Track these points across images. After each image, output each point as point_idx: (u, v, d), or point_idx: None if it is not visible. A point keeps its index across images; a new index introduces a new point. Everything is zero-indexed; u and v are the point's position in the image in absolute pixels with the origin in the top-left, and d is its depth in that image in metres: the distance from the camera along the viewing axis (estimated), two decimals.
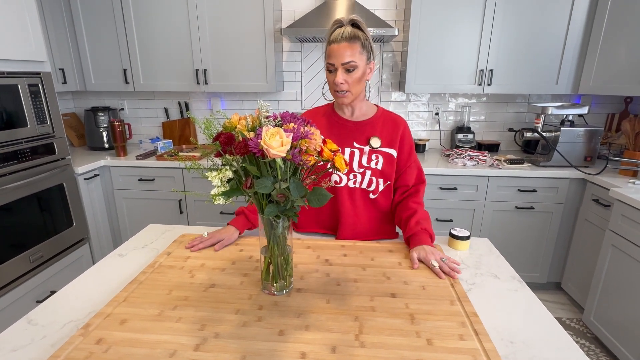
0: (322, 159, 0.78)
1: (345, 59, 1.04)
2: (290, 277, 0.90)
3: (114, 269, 1.02)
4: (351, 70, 1.06)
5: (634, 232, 1.64)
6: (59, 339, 0.75)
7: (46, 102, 1.93)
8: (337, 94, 1.10)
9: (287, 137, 0.69)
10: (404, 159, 1.20)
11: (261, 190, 0.71)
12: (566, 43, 2.20)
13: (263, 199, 0.77)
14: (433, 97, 2.67)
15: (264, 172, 0.74)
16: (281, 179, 0.73)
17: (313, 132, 0.74)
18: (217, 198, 0.75)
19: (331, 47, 1.05)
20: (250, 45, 2.35)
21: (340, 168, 0.78)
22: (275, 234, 0.82)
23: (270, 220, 0.81)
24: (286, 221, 0.82)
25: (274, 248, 0.84)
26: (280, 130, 0.69)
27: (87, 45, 2.43)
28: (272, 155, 0.68)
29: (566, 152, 2.14)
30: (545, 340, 0.75)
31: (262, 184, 0.72)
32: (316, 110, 1.25)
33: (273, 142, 0.68)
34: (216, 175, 0.75)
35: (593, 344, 1.92)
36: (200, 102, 2.81)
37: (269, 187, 0.72)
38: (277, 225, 0.81)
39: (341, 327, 0.76)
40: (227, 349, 0.70)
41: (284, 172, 0.74)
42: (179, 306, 0.83)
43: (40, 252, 1.92)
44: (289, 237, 0.85)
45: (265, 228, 0.83)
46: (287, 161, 0.73)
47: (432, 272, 0.99)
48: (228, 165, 0.75)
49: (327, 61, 1.07)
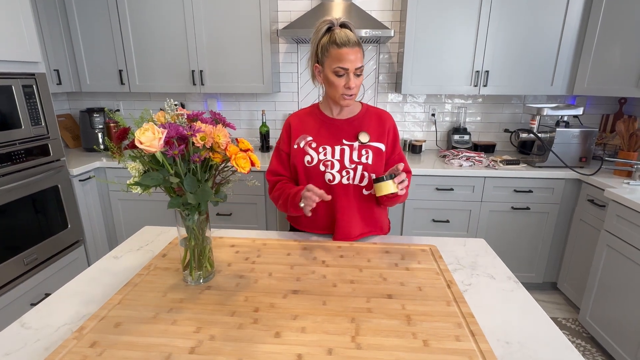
0: (225, 157, 0.82)
1: (357, 64, 1.09)
2: (210, 267, 0.95)
3: (108, 272, 1.01)
4: (359, 75, 1.12)
5: (629, 232, 1.65)
6: (52, 342, 0.74)
7: (41, 104, 1.92)
8: (344, 97, 1.13)
9: (160, 133, 0.73)
10: (389, 152, 1.24)
11: (146, 182, 0.77)
12: (561, 44, 2.21)
13: (172, 192, 0.83)
14: (429, 98, 2.68)
15: (167, 166, 0.79)
16: (174, 173, 0.79)
17: (204, 129, 0.79)
18: (134, 187, 0.81)
19: (342, 50, 1.06)
20: (247, 46, 2.35)
21: (241, 167, 0.80)
22: (187, 226, 0.88)
23: (180, 212, 0.87)
24: (197, 214, 0.87)
25: (190, 239, 0.89)
26: (153, 126, 0.73)
27: (82, 45, 2.41)
28: (144, 149, 0.72)
29: (561, 152, 2.15)
30: (541, 340, 0.75)
31: (150, 177, 0.77)
32: (302, 112, 1.27)
33: (142, 137, 0.72)
34: (133, 166, 0.81)
35: (589, 343, 1.93)
36: (197, 103, 2.80)
37: (156, 180, 0.78)
38: (188, 218, 0.86)
39: (338, 329, 0.76)
40: (222, 351, 0.69)
41: (179, 167, 0.79)
42: (174, 309, 0.82)
43: (35, 254, 1.90)
44: (207, 230, 0.92)
45: (182, 220, 0.89)
46: (175, 157, 0.77)
47: (429, 274, 0.99)
48: (138, 159, 0.81)
49: (339, 65, 1.08)
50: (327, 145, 1.19)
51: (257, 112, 2.78)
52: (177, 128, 0.77)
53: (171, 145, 0.77)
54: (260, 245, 1.15)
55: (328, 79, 1.11)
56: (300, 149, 1.20)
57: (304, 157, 1.19)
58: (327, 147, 1.19)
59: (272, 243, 1.17)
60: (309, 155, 1.19)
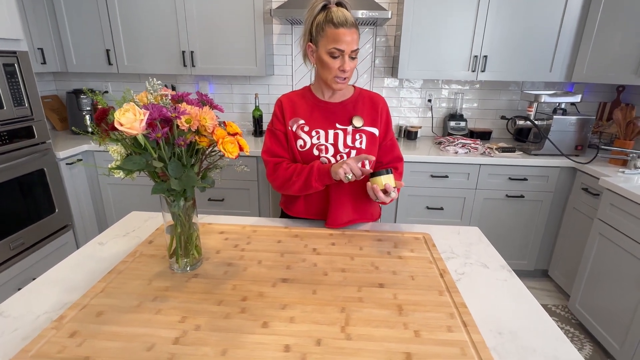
0: (212, 141, 0.78)
1: (354, 46, 1.05)
2: (198, 255, 0.92)
3: (93, 258, 0.98)
4: (354, 58, 1.07)
5: (622, 220, 1.65)
6: (31, 331, 0.71)
7: (23, 83, 1.85)
8: (337, 80, 1.08)
9: (141, 115, 0.68)
10: (381, 137, 1.20)
11: (128, 166, 0.73)
12: (561, 30, 2.16)
13: (157, 177, 0.79)
14: (426, 83, 2.63)
15: (150, 150, 0.75)
16: (157, 157, 0.75)
17: (189, 111, 0.75)
18: (116, 172, 0.77)
19: (339, 31, 1.01)
20: (239, 26, 2.26)
21: (228, 152, 0.76)
22: (172, 212, 0.84)
23: (165, 198, 0.84)
24: (182, 200, 0.84)
25: (176, 226, 0.86)
26: (134, 107, 0.69)
27: (67, 23, 2.31)
28: (124, 132, 0.68)
29: (557, 140, 2.13)
30: (534, 331, 0.74)
31: (132, 161, 0.73)
32: (294, 94, 1.22)
33: (122, 118, 0.67)
34: (115, 149, 0.77)
35: (577, 330, 1.95)
36: (188, 85, 2.72)
37: (139, 165, 0.74)
38: (173, 204, 0.83)
39: (327, 319, 0.74)
40: (207, 342, 0.67)
41: (163, 151, 0.75)
42: (159, 297, 0.80)
43: (21, 239, 1.86)
44: (194, 216, 0.89)
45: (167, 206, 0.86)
46: (158, 140, 0.73)
47: (422, 262, 0.97)
48: (119, 142, 0.77)
49: (335, 46, 1.03)
50: (321, 129, 1.15)
51: (250, 95, 2.71)
52: (160, 109, 0.73)
53: (154, 127, 0.73)
54: (250, 231, 1.12)
55: (322, 59, 1.07)
56: (293, 132, 1.16)
57: (297, 141, 1.16)
58: (321, 131, 1.15)
59: (263, 230, 1.14)
60: (302, 139, 1.15)
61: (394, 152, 1.24)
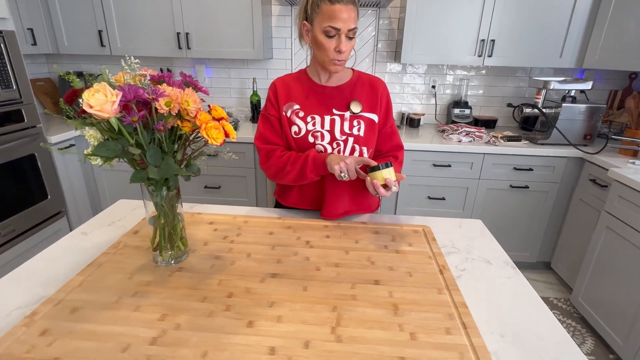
0: (196, 125, 0.71)
1: (351, 24, 0.97)
2: (183, 247, 0.87)
3: (74, 249, 0.93)
4: (352, 38, 1.00)
5: (631, 213, 1.58)
6: (1, 328, 0.67)
7: (11, 65, 1.78)
8: (334, 62, 1.01)
9: (113, 96, 0.62)
10: (381, 123, 1.14)
11: (101, 153, 0.67)
12: (573, 13, 2.06)
13: (136, 164, 0.74)
14: (430, 68, 2.53)
15: (126, 135, 0.68)
16: (134, 143, 0.69)
17: (168, 92, 0.68)
18: (93, 158, 0.71)
19: (335, 7, 0.94)
20: (236, 6, 2.17)
21: (212, 138, 0.69)
22: (155, 202, 0.79)
23: (147, 187, 0.78)
24: (165, 189, 0.79)
25: (160, 217, 0.81)
26: (105, 87, 0.62)
27: (58, 1, 2.22)
28: (94, 114, 0.61)
29: (565, 129, 2.05)
30: (539, 334, 0.69)
31: (106, 147, 0.67)
32: (289, 77, 1.15)
33: (92, 100, 0.60)
34: (91, 134, 0.71)
35: (579, 324, 1.91)
36: (184, 68, 2.64)
37: (114, 152, 0.68)
38: (154, 193, 0.78)
39: (317, 319, 0.69)
40: (187, 343, 0.62)
41: (141, 136, 0.69)
42: (139, 292, 0.75)
43: (12, 225, 1.82)
44: (178, 206, 0.84)
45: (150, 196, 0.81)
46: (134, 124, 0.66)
47: (421, 257, 0.92)
48: (94, 126, 0.71)
49: (330, 24, 0.95)
50: (316, 115, 1.08)
51: (248, 80, 2.63)
52: (136, 90, 0.66)
53: (130, 110, 0.67)
54: (241, 222, 1.07)
55: (317, 39, 0.99)
56: (287, 118, 1.10)
57: (291, 127, 1.09)
58: (316, 117, 1.08)
59: (255, 220, 1.09)
60: (296, 125, 1.08)
61: (394, 140, 1.17)
